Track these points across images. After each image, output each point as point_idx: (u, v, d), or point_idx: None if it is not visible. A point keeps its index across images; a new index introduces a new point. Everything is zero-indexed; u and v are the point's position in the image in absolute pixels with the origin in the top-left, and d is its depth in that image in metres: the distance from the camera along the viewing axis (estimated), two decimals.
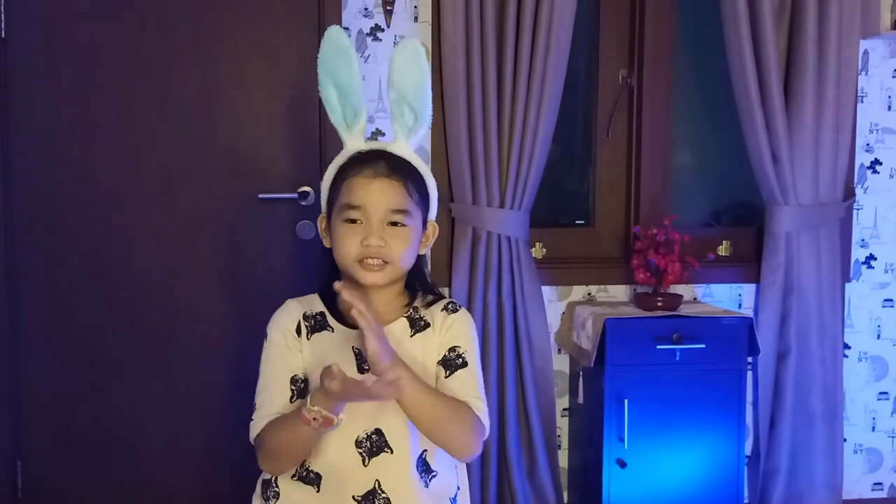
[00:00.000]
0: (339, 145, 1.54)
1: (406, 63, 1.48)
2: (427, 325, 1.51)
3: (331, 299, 1.52)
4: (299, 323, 1.49)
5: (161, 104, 2.56)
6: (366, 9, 2.60)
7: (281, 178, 2.60)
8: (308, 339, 1.48)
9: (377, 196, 1.44)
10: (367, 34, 2.61)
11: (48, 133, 2.53)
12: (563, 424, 2.80)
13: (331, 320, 1.49)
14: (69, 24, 2.51)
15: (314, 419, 1.34)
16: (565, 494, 2.78)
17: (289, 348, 1.48)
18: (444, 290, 2.65)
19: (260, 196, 2.59)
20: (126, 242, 2.58)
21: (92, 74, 2.53)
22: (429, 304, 1.54)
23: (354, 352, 1.46)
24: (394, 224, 1.45)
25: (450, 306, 1.54)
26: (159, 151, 2.57)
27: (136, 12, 2.53)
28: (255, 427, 1.46)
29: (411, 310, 1.52)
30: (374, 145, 1.52)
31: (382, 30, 2.61)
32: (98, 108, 2.54)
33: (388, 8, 2.59)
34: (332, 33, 1.48)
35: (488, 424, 1.51)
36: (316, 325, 1.49)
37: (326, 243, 1.53)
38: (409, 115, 1.50)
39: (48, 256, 2.55)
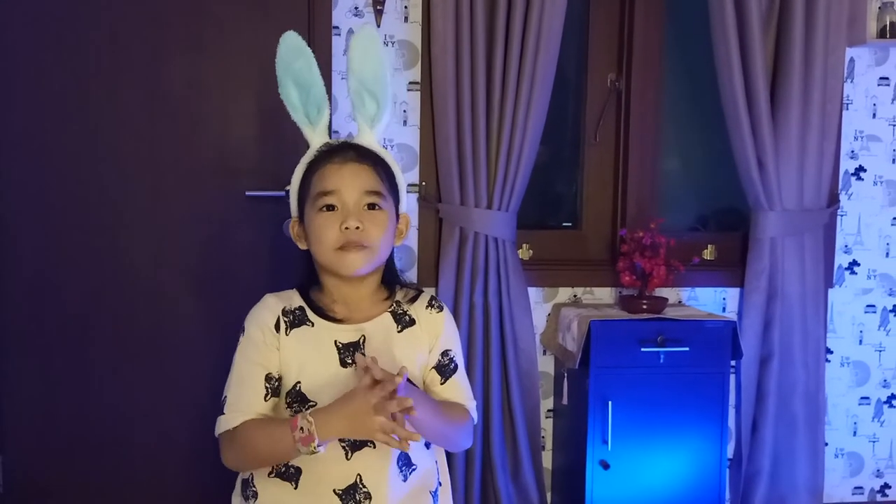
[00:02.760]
0: None
1: (363, 50, 1.51)
2: (412, 321, 1.52)
3: (310, 293, 1.51)
4: (278, 319, 1.47)
5: (150, 101, 2.55)
6: (356, 8, 2.60)
7: (268, 175, 2.59)
8: (287, 334, 1.47)
9: (350, 179, 1.45)
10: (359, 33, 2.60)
11: (36, 129, 2.52)
12: (547, 425, 2.80)
13: (311, 315, 1.48)
14: (58, 20, 2.50)
15: (300, 428, 1.33)
16: (549, 495, 2.79)
17: (266, 345, 1.46)
18: (431, 290, 2.66)
19: (247, 193, 2.59)
20: (113, 238, 2.57)
21: (81, 71, 2.52)
22: (411, 300, 1.54)
23: (337, 346, 1.46)
24: (371, 207, 1.45)
25: (434, 303, 1.55)
26: (147, 148, 2.56)
27: (126, 9, 2.52)
28: (228, 422, 1.43)
29: (394, 304, 1.53)
30: (339, 140, 1.54)
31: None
32: (86, 104, 2.53)
33: (378, 8, 2.60)
34: (289, 36, 1.53)
35: (476, 416, 1.58)
36: (295, 320, 1.48)
37: (302, 245, 1.52)
38: (371, 103, 1.52)
39: (33, 251, 2.54)
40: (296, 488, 1.44)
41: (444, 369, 1.53)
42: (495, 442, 2.62)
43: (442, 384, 1.53)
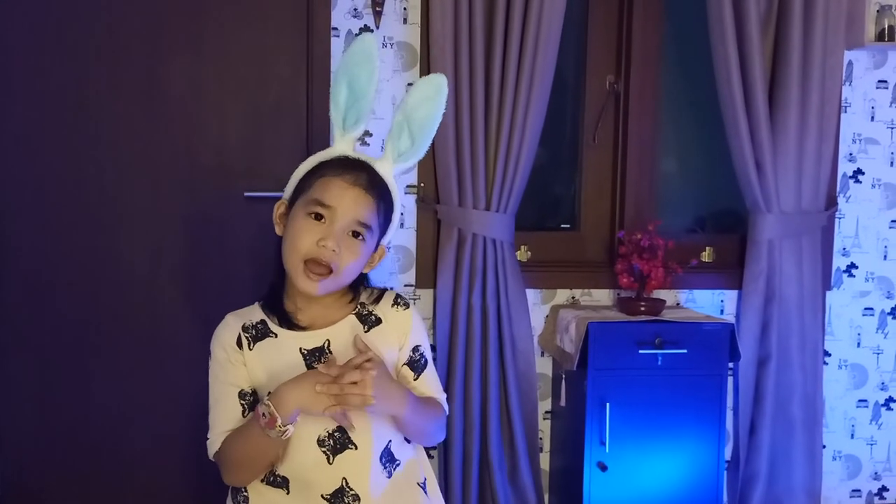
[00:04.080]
0: (326, 144, 1.54)
1: (425, 96, 1.53)
2: (378, 320, 1.53)
3: (274, 305, 1.52)
4: (239, 336, 1.49)
5: (149, 102, 2.56)
6: (355, 9, 2.61)
7: (267, 176, 2.60)
8: (251, 349, 1.48)
9: (351, 203, 1.45)
10: (356, 35, 2.60)
11: (34, 130, 2.52)
12: (545, 427, 2.80)
13: (273, 326, 1.50)
14: (57, 21, 2.50)
15: (262, 415, 1.36)
16: (546, 497, 2.78)
17: (231, 363, 1.48)
18: (429, 292, 2.66)
19: (246, 194, 2.59)
20: (111, 239, 2.57)
21: (79, 72, 2.52)
22: (376, 300, 1.55)
23: (302, 353, 1.47)
24: (354, 235, 1.46)
25: (399, 300, 1.56)
26: (146, 149, 2.56)
27: (125, 10, 2.53)
28: (213, 445, 1.47)
29: (358, 306, 1.54)
30: (361, 156, 1.53)
31: (371, 31, 2.61)
32: (85, 105, 2.53)
33: (377, 9, 2.60)
34: (366, 39, 1.51)
35: (447, 408, 1.61)
36: (258, 334, 1.50)
37: (279, 231, 1.53)
38: (407, 141, 1.53)
39: (31, 251, 2.55)
40: (288, 494, 1.46)
41: (416, 365, 1.55)
42: (493, 443, 2.62)
43: (415, 380, 1.55)
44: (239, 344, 1.48)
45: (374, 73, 1.50)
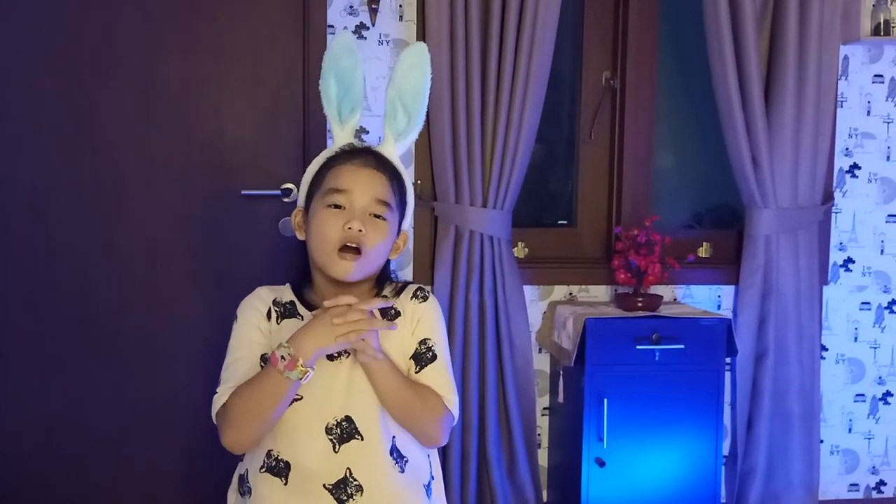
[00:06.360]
0: (323, 142, 1.55)
1: (413, 64, 1.55)
2: (397, 313, 1.54)
3: (302, 290, 1.55)
4: (270, 308, 1.52)
5: (145, 100, 2.55)
6: (351, 7, 2.60)
7: (264, 174, 2.60)
8: (278, 323, 1.51)
9: (364, 183, 1.48)
10: (352, 32, 2.60)
11: (29, 127, 2.52)
12: (543, 423, 2.81)
13: (301, 309, 1.52)
14: (52, 18, 2.50)
15: (282, 357, 1.36)
16: (545, 493, 2.79)
17: (259, 329, 1.50)
18: (420, 283, 2.66)
19: (243, 192, 2.59)
20: (107, 239, 2.57)
21: (74, 69, 2.52)
22: (397, 293, 1.56)
23: None
24: (376, 216, 1.48)
25: (419, 293, 1.57)
26: (142, 147, 2.56)
27: (121, 7, 2.52)
28: (220, 399, 1.45)
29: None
30: (363, 144, 1.56)
31: (367, 28, 2.61)
32: (81, 103, 2.53)
33: (373, 6, 2.59)
34: (344, 35, 1.58)
35: (458, 414, 1.55)
36: (286, 311, 1.52)
37: (300, 236, 1.55)
38: (403, 117, 1.55)
39: (26, 253, 2.54)
40: (286, 484, 1.45)
41: (421, 358, 1.53)
42: (491, 440, 2.62)
43: (417, 373, 1.52)
44: (268, 316, 1.51)
45: (357, 63, 1.55)
